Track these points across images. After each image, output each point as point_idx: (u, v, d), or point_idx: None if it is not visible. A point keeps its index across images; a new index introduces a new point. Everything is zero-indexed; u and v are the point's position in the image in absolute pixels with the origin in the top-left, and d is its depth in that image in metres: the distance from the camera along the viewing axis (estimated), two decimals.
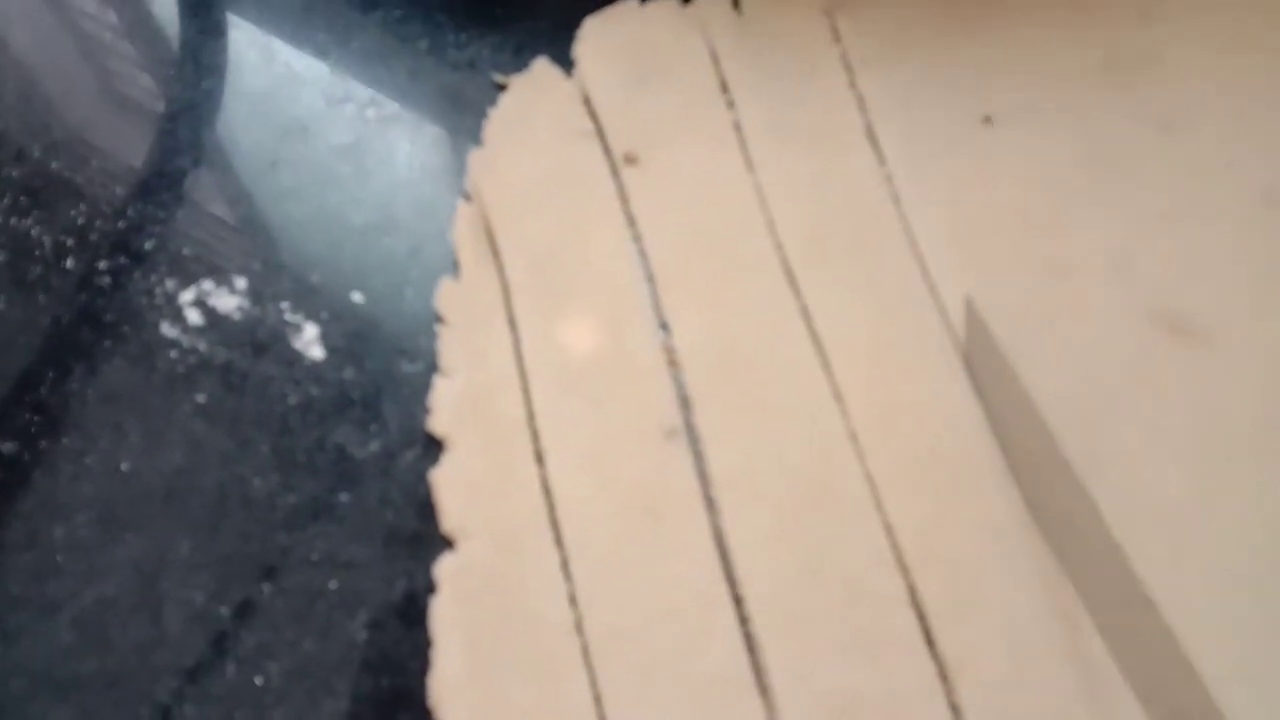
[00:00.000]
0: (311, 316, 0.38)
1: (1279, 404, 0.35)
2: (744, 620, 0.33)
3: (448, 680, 0.32)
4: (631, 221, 0.39)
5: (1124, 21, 0.41)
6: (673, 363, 0.36)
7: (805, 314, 0.37)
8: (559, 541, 0.34)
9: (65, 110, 0.42)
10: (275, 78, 0.42)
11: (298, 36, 0.43)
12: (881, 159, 0.39)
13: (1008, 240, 0.38)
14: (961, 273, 0.37)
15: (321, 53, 0.42)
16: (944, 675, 0.32)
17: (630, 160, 0.40)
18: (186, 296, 0.38)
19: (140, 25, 0.45)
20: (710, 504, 0.34)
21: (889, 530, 0.34)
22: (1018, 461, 0.33)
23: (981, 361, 0.31)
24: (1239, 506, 0.33)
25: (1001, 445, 0.33)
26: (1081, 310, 0.36)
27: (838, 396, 0.36)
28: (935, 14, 0.42)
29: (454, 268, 0.38)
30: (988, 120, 0.40)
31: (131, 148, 0.41)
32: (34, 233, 0.39)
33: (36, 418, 0.36)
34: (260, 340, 0.37)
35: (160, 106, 0.42)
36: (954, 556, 0.33)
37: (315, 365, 0.37)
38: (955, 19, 0.42)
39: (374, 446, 0.35)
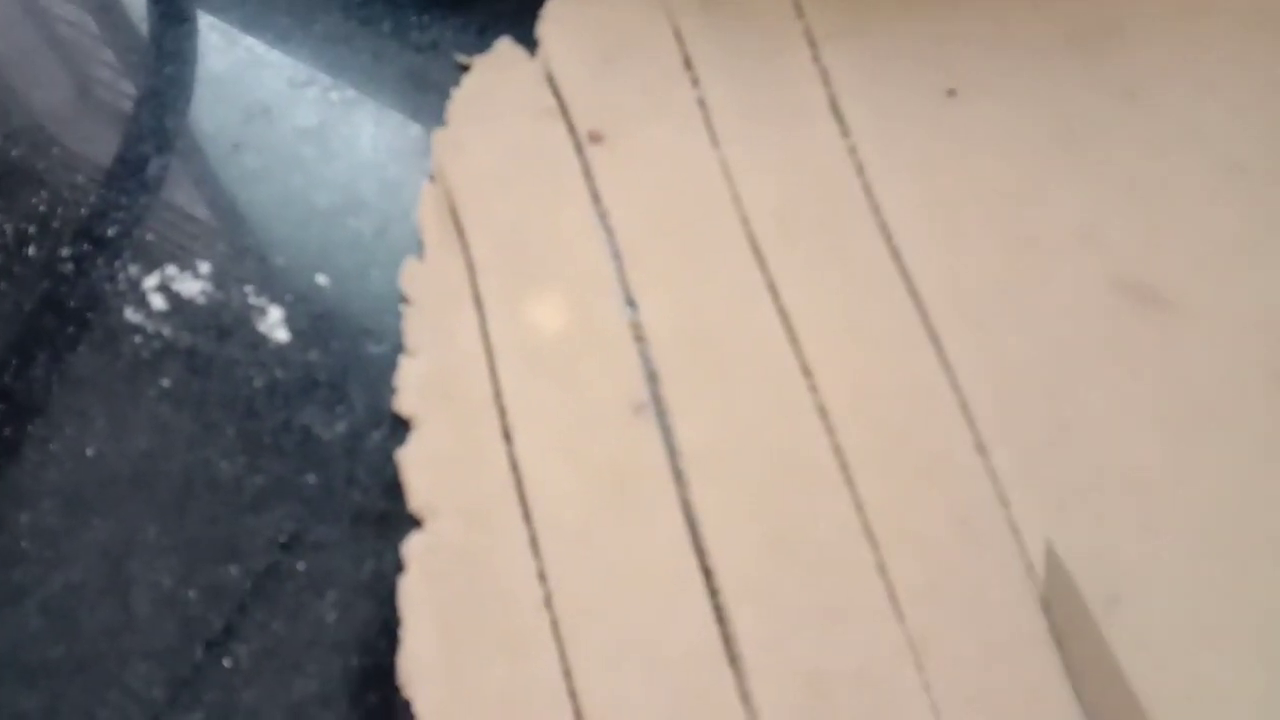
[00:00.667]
0: (276, 299, 0.37)
1: (1245, 370, 0.35)
2: (714, 593, 0.33)
3: (418, 659, 0.32)
4: (597, 199, 0.39)
5: None
6: (640, 338, 0.36)
7: (773, 289, 0.37)
8: (528, 518, 0.34)
9: (25, 97, 0.41)
10: (237, 61, 0.42)
11: (260, 20, 0.43)
12: (847, 133, 0.39)
13: (975, 213, 0.38)
14: (929, 247, 0.37)
15: (284, 36, 0.42)
16: (914, 652, 0.32)
17: (595, 138, 0.39)
18: (150, 282, 0.38)
19: (103, 11, 0.44)
20: (679, 478, 0.34)
21: (859, 507, 0.34)
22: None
23: (1063, 611, 0.31)
24: (1208, 472, 0.33)
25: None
26: (1050, 280, 0.36)
27: (806, 372, 0.36)
28: None
29: (419, 248, 0.38)
30: (952, 93, 0.40)
31: (94, 134, 0.41)
32: None
33: (0, 405, 0.36)
34: (225, 324, 0.37)
35: (122, 93, 0.42)
36: (924, 537, 0.33)
37: (280, 348, 0.37)
38: None
39: (340, 427, 0.35)
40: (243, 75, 0.41)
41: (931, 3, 0.41)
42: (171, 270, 0.38)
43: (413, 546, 0.33)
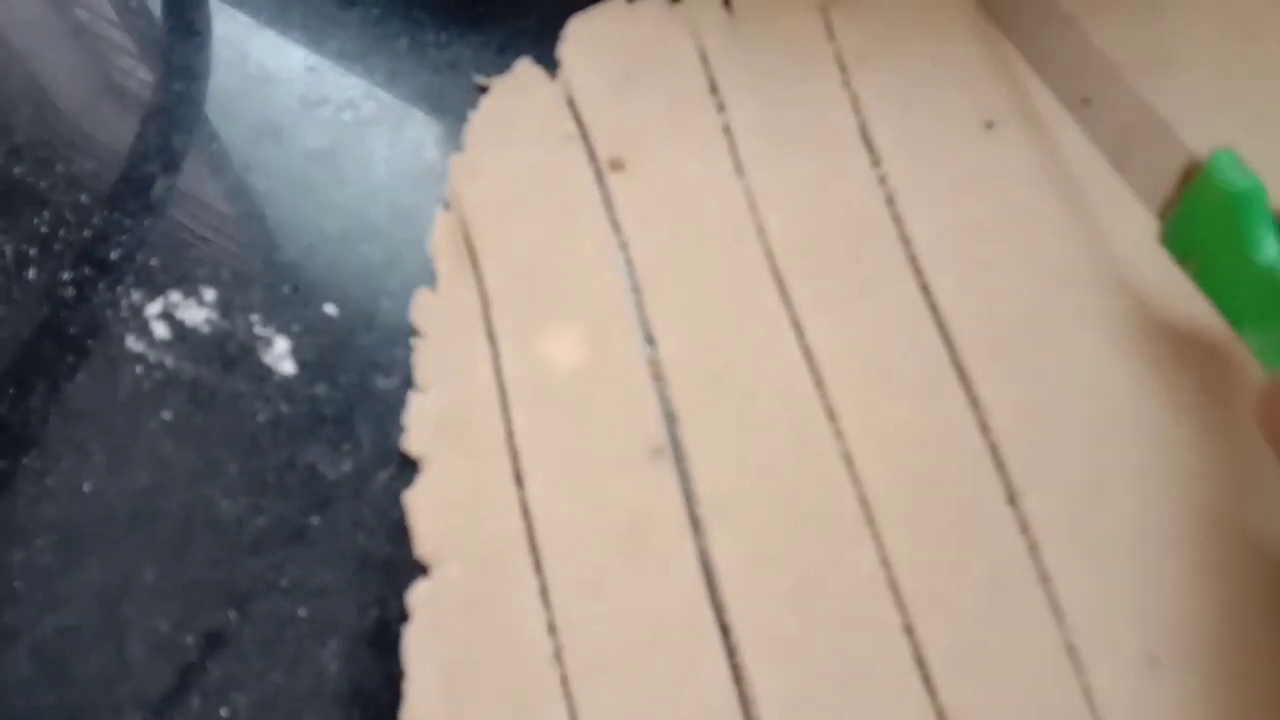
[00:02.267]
0: (283, 329, 0.36)
1: None
2: (731, 650, 0.31)
3: (421, 713, 0.31)
4: (617, 229, 0.37)
5: (1131, 20, 0.39)
6: (659, 377, 0.35)
7: (797, 326, 0.35)
8: (538, 567, 0.32)
9: (28, 115, 0.40)
10: (248, 79, 0.40)
11: (272, 36, 0.41)
12: (877, 162, 0.38)
13: (1010, 247, 0.36)
14: (961, 282, 0.36)
15: (296, 53, 0.41)
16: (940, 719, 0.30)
17: (616, 166, 0.38)
18: (153, 309, 0.36)
19: (113, 24, 0.43)
20: (697, 526, 0.33)
21: (885, 563, 0.32)
22: None
23: None
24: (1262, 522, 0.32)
25: None
26: (1089, 317, 0.35)
27: (832, 415, 0.34)
28: (933, 11, 0.40)
29: (432, 278, 0.37)
30: (990, 125, 0.38)
31: (98, 153, 0.39)
32: None
33: None
34: (229, 354, 0.36)
35: (129, 109, 0.40)
36: (955, 599, 0.32)
37: (286, 381, 0.35)
38: (954, 16, 0.40)
39: (346, 466, 0.34)
40: (253, 93, 0.40)
41: (967, 29, 0.40)
42: (175, 297, 0.37)
43: (418, 595, 0.32)
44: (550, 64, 0.40)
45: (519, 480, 0.33)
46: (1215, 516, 0.32)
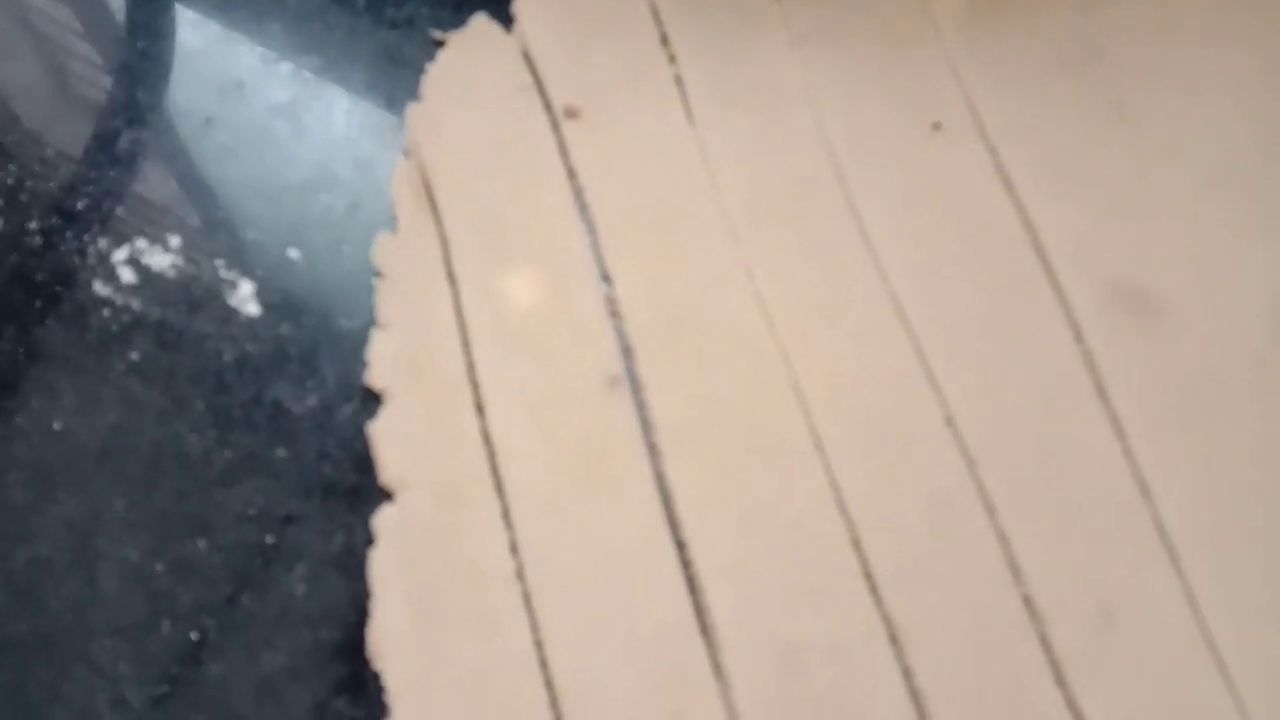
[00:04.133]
0: (247, 273, 0.37)
1: (1230, 371, 0.34)
2: (687, 565, 0.32)
3: (387, 632, 0.31)
4: (573, 175, 0.38)
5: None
6: (615, 314, 0.36)
7: (749, 272, 0.36)
8: (500, 491, 0.33)
9: None
10: (211, 36, 0.41)
11: None
12: (821, 119, 0.39)
13: (957, 234, 0.37)
14: (900, 231, 0.37)
15: (258, 11, 0.42)
16: (894, 639, 0.32)
17: (571, 114, 0.39)
18: (120, 255, 0.37)
19: None
20: (653, 452, 0.34)
21: (834, 486, 0.33)
22: None
23: None
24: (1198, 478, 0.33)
25: None
26: (1037, 298, 0.36)
27: (781, 352, 0.35)
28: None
29: (393, 224, 0.37)
30: (938, 127, 0.38)
31: (65, 108, 0.40)
32: None
33: None
34: (195, 297, 0.37)
35: (95, 66, 0.41)
36: (899, 523, 0.33)
37: (251, 322, 0.36)
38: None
39: (311, 401, 0.35)
40: (216, 51, 0.41)
41: (915, 31, 0.40)
42: (141, 244, 0.37)
43: (383, 520, 0.33)
44: (506, 20, 0.41)
45: (480, 410, 0.34)
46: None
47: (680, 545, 0.33)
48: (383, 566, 0.32)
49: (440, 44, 0.41)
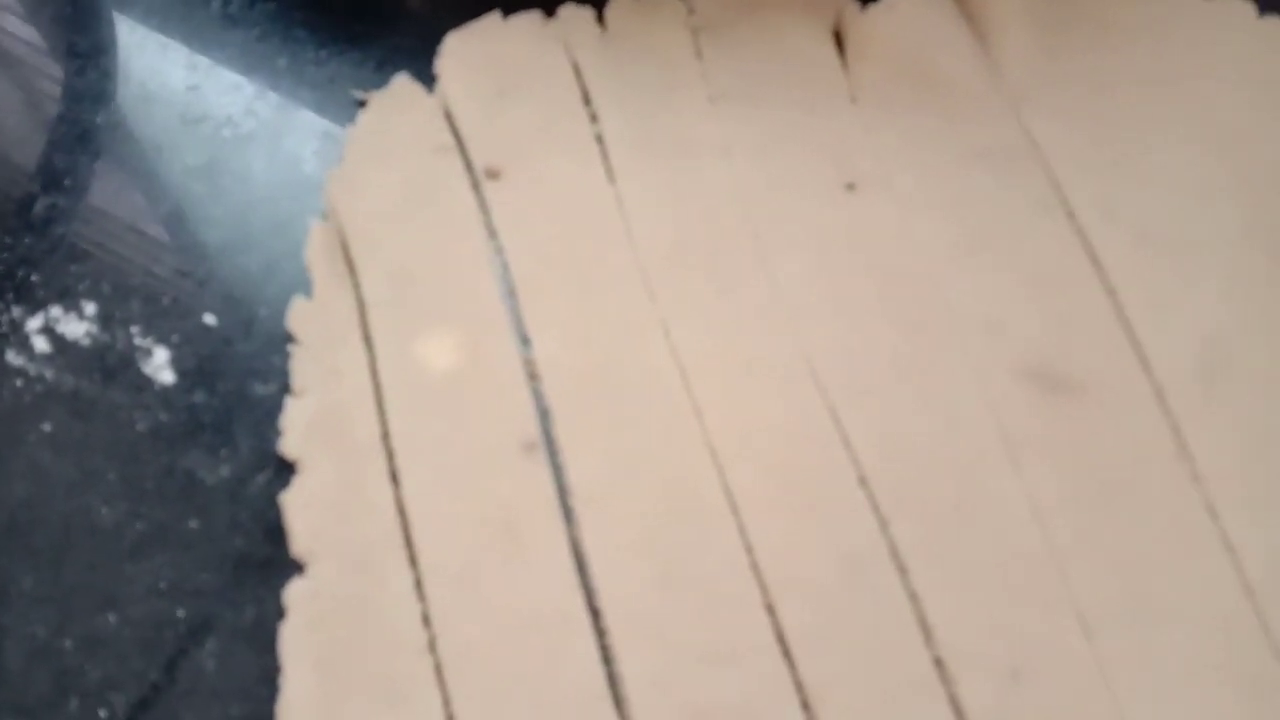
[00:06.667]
0: (162, 340, 0.37)
1: (1150, 450, 0.34)
2: (601, 633, 0.32)
3: (296, 706, 0.31)
4: (493, 235, 0.38)
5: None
6: (534, 376, 0.36)
7: (664, 326, 0.37)
8: (413, 561, 0.33)
9: None
10: (129, 98, 0.41)
11: (153, 55, 0.42)
12: (737, 175, 0.39)
13: (870, 289, 0.37)
14: (815, 289, 0.37)
15: (178, 73, 0.42)
16: (805, 704, 0.32)
17: (492, 174, 0.39)
18: (34, 324, 0.37)
19: None
20: (569, 516, 0.34)
21: (749, 548, 0.33)
22: None
23: None
24: (1112, 549, 0.33)
25: None
26: (948, 361, 0.36)
27: (697, 410, 0.35)
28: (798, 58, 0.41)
29: (309, 287, 0.37)
30: (851, 187, 0.38)
31: None
32: None
33: None
34: (109, 366, 0.36)
35: (10, 130, 0.41)
36: (813, 581, 0.33)
37: (165, 390, 0.36)
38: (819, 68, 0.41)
39: (224, 471, 0.35)
40: (134, 112, 0.41)
41: (831, 93, 0.40)
42: (56, 311, 0.37)
43: (294, 592, 0.33)
44: (428, 79, 0.41)
45: (394, 478, 0.34)
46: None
47: (595, 613, 0.33)
48: (293, 640, 0.32)
49: (362, 104, 0.41)
